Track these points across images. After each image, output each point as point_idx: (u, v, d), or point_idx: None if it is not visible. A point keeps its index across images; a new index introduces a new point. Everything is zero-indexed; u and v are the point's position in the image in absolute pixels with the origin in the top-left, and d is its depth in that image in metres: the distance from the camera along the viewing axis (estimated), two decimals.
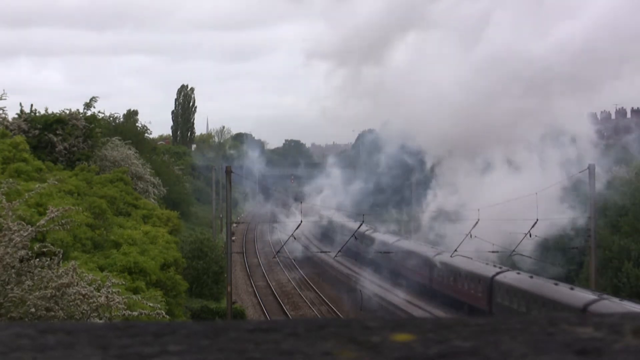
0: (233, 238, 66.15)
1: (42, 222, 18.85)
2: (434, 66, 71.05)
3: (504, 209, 50.82)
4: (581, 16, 65.03)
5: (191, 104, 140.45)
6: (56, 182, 25.11)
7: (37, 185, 23.58)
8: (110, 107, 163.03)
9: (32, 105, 51.33)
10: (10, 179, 21.39)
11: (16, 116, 50.10)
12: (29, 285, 17.32)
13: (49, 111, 50.36)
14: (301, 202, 65.30)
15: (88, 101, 54.09)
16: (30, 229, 17.95)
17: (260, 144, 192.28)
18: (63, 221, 19.97)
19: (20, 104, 51.55)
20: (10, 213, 18.40)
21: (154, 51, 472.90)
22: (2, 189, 20.36)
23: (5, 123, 48.24)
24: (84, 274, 18.84)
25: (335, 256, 69.62)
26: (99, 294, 18.54)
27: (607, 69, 62.83)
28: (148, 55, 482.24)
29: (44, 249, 18.44)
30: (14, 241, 17.47)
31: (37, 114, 50.19)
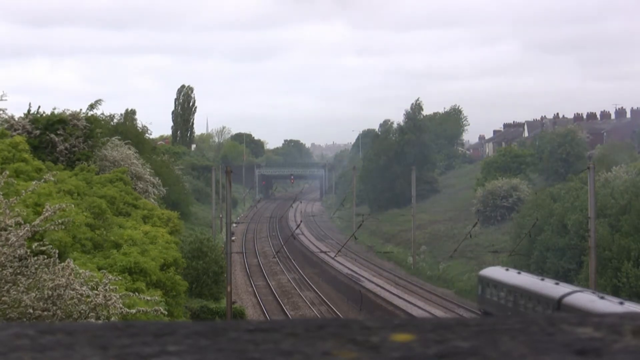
0: (233, 238, 66.19)
1: (37, 221, 18.82)
2: None
3: None
4: None
5: (191, 103, 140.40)
6: (52, 179, 25.00)
7: (34, 182, 23.52)
8: (122, 106, 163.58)
9: (39, 106, 51.43)
10: (7, 172, 21.28)
11: (23, 116, 50.20)
12: (24, 286, 17.31)
13: (56, 111, 50.42)
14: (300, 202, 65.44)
15: (93, 102, 54.33)
16: (26, 228, 17.93)
17: (260, 144, 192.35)
18: (60, 220, 19.94)
19: (30, 104, 51.63)
20: (7, 211, 18.39)
21: (169, 51, 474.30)
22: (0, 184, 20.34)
23: (11, 122, 48.40)
24: (80, 273, 18.81)
25: (335, 256, 69.74)
26: (96, 292, 18.53)
27: None
28: (163, 55, 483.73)
29: (42, 248, 18.43)
30: (10, 240, 17.47)
31: (43, 114, 50.25)
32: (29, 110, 50.69)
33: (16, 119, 49.29)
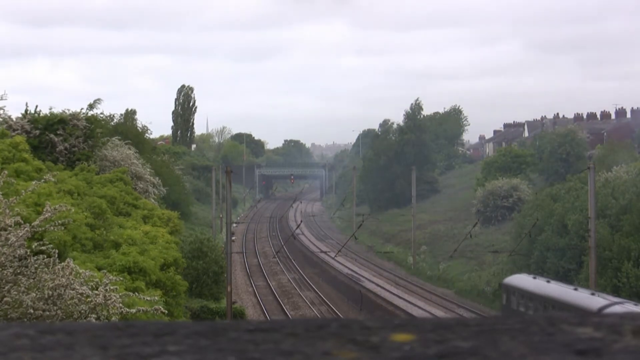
0: (233, 238, 66.22)
1: (36, 222, 18.82)
2: None
3: None
4: None
5: (191, 103, 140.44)
6: (53, 179, 25.01)
7: (34, 182, 23.52)
8: (122, 106, 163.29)
9: (36, 105, 51.37)
10: (6, 171, 21.26)
11: (20, 116, 50.13)
12: (25, 286, 17.31)
13: (55, 111, 50.36)
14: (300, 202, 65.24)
15: (92, 102, 54.36)
16: (25, 228, 17.93)
17: (260, 144, 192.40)
18: (60, 221, 19.94)
19: (27, 104, 51.56)
20: (7, 211, 18.39)
21: (169, 51, 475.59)
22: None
23: (10, 122, 48.35)
24: (80, 272, 18.81)
25: (335, 256, 69.73)
26: (96, 292, 18.53)
27: None
28: (163, 55, 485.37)
29: (42, 247, 18.43)
30: (10, 240, 17.46)
31: (40, 114, 50.19)
32: (26, 110, 50.66)
33: (14, 120, 49.21)
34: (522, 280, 40.23)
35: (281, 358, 1.77)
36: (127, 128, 67.84)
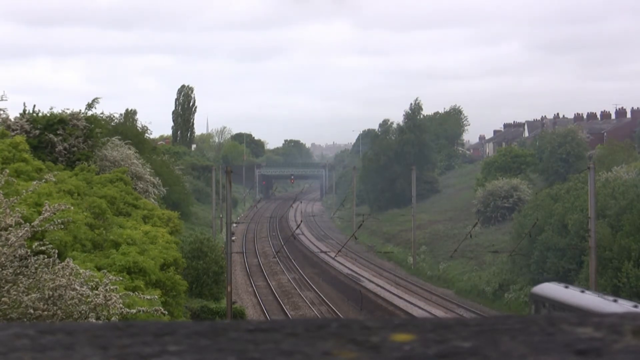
0: (233, 238, 66.21)
1: (36, 221, 18.82)
2: None
3: None
4: None
5: (191, 103, 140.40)
6: (53, 179, 25.02)
7: (34, 182, 23.54)
8: (123, 106, 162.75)
9: (34, 105, 51.35)
10: (7, 170, 21.25)
11: (19, 116, 50.09)
12: (24, 286, 17.30)
13: (55, 111, 50.35)
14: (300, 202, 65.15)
15: (90, 102, 54.39)
16: (25, 228, 17.93)
17: (260, 144, 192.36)
18: (60, 220, 19.94)
19: (24, 103, 51.57)
20: (8, 210, 18.39)
21: (170, 51, 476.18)
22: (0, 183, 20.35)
23: (8, 122, 48.33)
24: (80, 272, 18.81)
25: (335, 256, 69.74)
26: (96, 292, 18.52)
27: None
28: (164, 55, 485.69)
29: (42, 247, 18.42)
30: (10, 240, 17.46)
31: (39, 114, 50.17)
32: (24, 110, 50.65)
33: (12, 120, 49.19)
34: (554, 290, 37.06)
35: (281, 358, 1.77)
36: (127, 128, 67.84)
